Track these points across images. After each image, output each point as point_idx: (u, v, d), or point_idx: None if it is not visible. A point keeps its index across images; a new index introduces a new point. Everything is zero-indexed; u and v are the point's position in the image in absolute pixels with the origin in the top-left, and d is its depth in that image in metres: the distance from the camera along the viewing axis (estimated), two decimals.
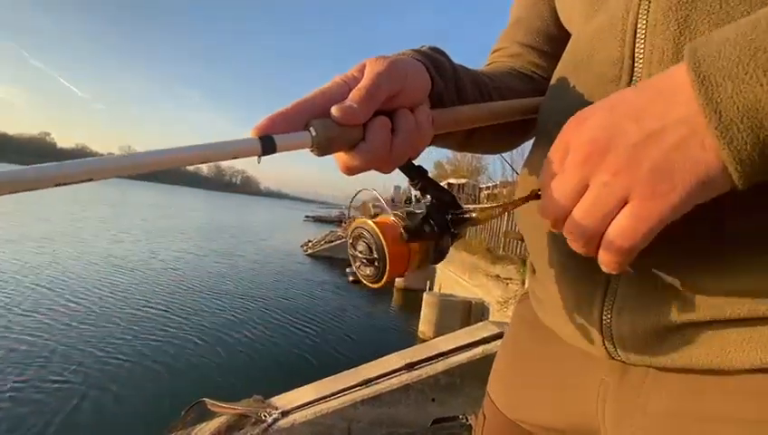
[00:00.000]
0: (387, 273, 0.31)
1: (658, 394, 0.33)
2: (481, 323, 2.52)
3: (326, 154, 0.29)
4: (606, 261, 0.25)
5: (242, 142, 0.25)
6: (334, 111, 0.28)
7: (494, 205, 0.33)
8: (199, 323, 6.74)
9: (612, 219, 0.24)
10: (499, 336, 2.19)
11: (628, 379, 0.35)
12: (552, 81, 0.41)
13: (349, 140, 0.29)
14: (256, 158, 0.25)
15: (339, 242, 15.77)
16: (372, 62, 0.31)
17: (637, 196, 0.23)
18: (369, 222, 0.32)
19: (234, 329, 6.67)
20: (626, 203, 0.23)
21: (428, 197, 0.34)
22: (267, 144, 0.25)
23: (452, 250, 0.36)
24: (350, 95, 0.29)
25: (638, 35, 0.30)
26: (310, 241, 17.98)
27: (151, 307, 7.26)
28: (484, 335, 2.21)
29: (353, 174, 0.32)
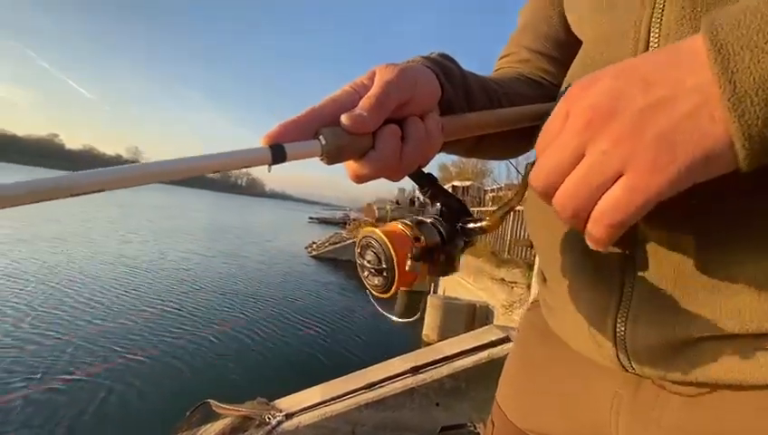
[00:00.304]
0: (396, 283, 0.30)
1: (673, 408, 0.32)
2: (486, 328, 2.50)
3: (336, 163, 0.29)
4: (593, 235, 0.24)
5: (252, 152, 0.25)
6: (344, 119, 0.28)
7: (503, 205, 0.33)
8: (212, 323, 6.85)
9: (606, 190, 0.23)
10: (504, 340, 2.17)
11: (643, 391, 0.35)
12: (562, 88, 0.40)
13: (359, 148, 0.29)
14: (267, 166, 0.25)
15: (343, 244, 15.80)
16: (382, 69, 0.31)
17: (635, 167, 0.21)
18: (378, 231, 0.31)
19: (243, 329, 6.76)
20: (621, 175, 0.22)
21: (438, 205, 0.33)
22: (277, 153, 0.25)
23: None
24: (360, 103, 0.29)
25: (651, 44, 0.30)
26: (314, 243, 18.02)
27: (165, 307, 7.41)
28: (490, 339, 2.19)
29: (363, 182, 0.31)
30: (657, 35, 0.30)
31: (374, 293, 0.33)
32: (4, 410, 3.81)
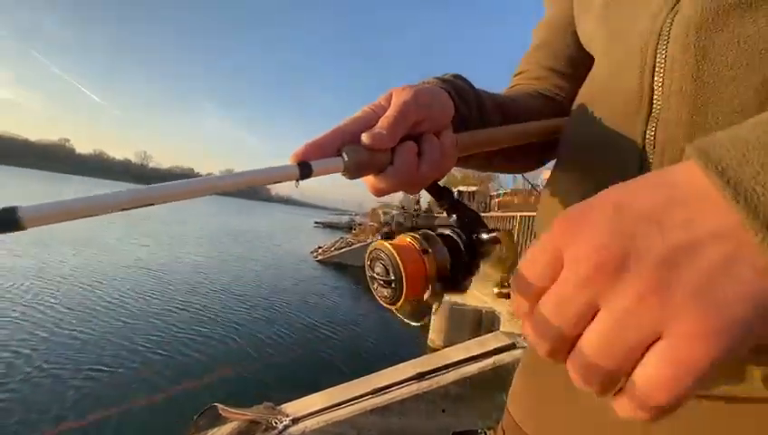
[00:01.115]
0: (404, 294, 0.31)
1: (671, 418, 0.33)
2: (492, 334, 2.49)
3: (356, 177, 0.31)
4: (635, 413, 0.19)
5: (282, 169, 0.27)
6: (364, 137, 0.30)
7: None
8: (228, 326, 7.00)
9: (646, 350, 0.18)
10: (510, 347, 2.16)
11: None
12: (574, 106, 0.42)
13: (378, 164, 0.31)
14: (294, 181, 0.27)
15: (348, 249, 15.83)
16: (399, 91, 0.33)
17: (677, 332, 0.17)
18: (386, 244, 0.32)
19: (251, 333, 6.85)
20: (658, 337, 0.17)
21: (454, 217, 0.35)
22: (304, 169, 0.27)
23: None
24: (379, 122, 0.31)
25: (656, 69, 0.31)
26: (320, 247, 18.07)
27: (184, 309, 7.57)
28: (496, 346, 2.19)
29: (381, 195, 0.33)
30: (662, 61, 0.30)
31: (383, 304, 0.34)
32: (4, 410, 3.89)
